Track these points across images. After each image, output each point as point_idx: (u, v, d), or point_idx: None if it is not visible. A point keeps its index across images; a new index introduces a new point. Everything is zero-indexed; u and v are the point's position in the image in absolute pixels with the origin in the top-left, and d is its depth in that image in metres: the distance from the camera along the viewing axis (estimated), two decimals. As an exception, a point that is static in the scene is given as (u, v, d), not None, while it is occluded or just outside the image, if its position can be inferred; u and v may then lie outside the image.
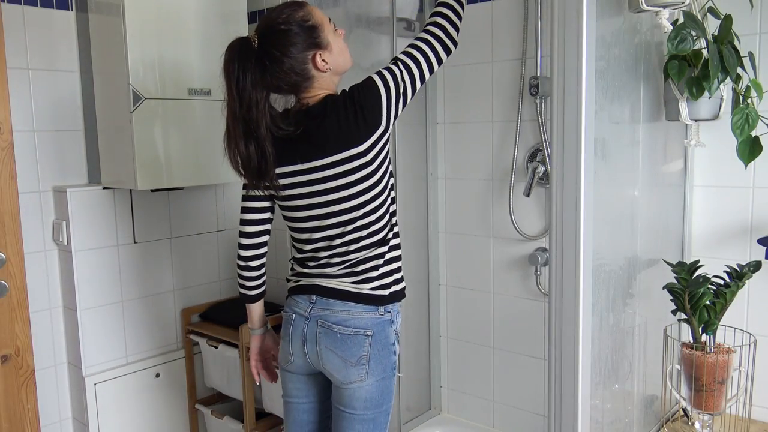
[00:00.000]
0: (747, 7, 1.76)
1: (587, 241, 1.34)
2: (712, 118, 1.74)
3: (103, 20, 2.29)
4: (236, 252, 1.82)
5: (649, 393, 1.90)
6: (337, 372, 1.61)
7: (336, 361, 1.60)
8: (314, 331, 1.62)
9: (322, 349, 1.61)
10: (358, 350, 1.59)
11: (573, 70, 1.30)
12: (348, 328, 1.59)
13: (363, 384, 1.60)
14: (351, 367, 1.59)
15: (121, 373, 2.49)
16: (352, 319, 1.59)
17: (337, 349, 1.59)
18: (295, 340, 1.66)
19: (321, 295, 1.62)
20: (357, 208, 1.57)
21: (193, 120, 2.40)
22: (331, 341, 1.60)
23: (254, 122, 1.51)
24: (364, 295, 1.60)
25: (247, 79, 1.50)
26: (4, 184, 2.06)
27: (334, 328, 1.60)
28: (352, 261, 1.61)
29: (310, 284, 1.65)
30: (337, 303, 1.61)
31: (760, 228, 1.85)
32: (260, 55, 1.51)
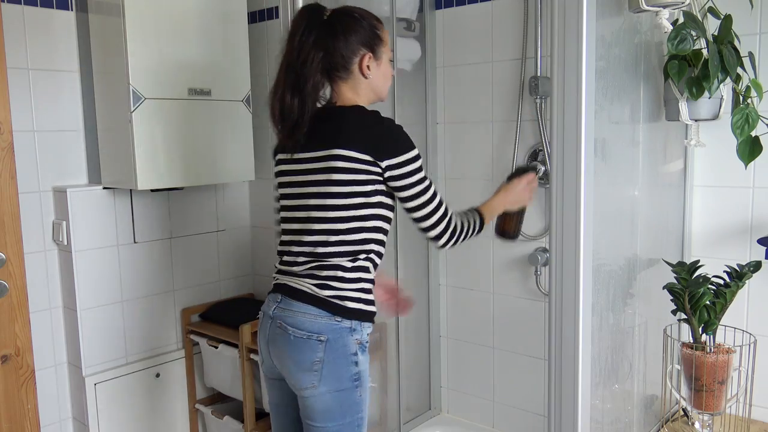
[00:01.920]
0: (747, 7, 1.76)
1: (587, 241, 1.34)
2: (712, 118, 1.75)
3: (103, 20, 2.29)
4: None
5: (649, 393, 1.90)
6: (292, 376, 1.57)
7: (290, 365, 1.57)
8: (274, 332, 1.60)
9: (277, 349, 1.59)
10: (311, 355, 1.54)
11: (573, 70, 1.30)
12: (301, 331, 1.54)
13: (316, 392, 1.55)
14: (303, 372, 1.55)
15: (121, 373, 2.49)
16: (307, 323, 1.55)
17: (291, 352, 1.56)
18: (261, 339, 1.65)
19: (285, 295, 1.60)
20: (334, 208, 1.55)
21: (193, 120, 2.40)
22: (284, 343, 1.57)
23: (304, 77, 1.54)
24: (320, 299, 1.55)
25: (310, 36, 1.54)
26: (4, 184, 2.06)
27: (288, 330, 1.56)
28: (316, 263, 1.57)
29: (280, 283, 1.64)
30: (295, 304, 1.57)
31: (760, 228, 1.85)
32: (325, 23, 1.56)
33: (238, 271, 2.92)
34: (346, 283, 1.56)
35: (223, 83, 2.48)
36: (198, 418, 2.75)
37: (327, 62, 1.56)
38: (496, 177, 2.35)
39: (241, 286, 2.93)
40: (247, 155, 2.60)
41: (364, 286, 1.59)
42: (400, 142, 1.54)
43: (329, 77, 1.59)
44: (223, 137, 2.50)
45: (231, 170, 2.55)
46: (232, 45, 2.51)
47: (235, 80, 2.53)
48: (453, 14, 2.39)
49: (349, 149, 1.51)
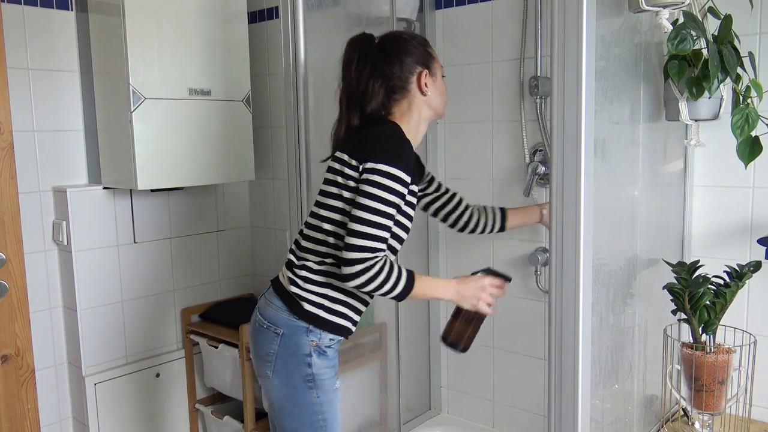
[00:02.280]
0: (747, 7, 1.76)
1: (587, 241, 1.34)
2: (712, 118, 1.74)
3: (103, 20, 2.29)
4: None
5: (649, 393, 1.90)
6: (255, 363, 1.64)
7: (253, 350, 1.65)
8: (252, 319, 1.68)
9: (251, 337, 1.66)
10: (267, 346, 1.59)
11: (573, 70, 1.30)
12: (264, 320, 1.60)
13: (269, 383, 1.60)
14: (260, 360, 1.61)
15: (121, 373, 2.49)
16: (270, 313, 1.60)
17: (253, 338, 1.64)
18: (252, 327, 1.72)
19: (271, 286, 1.66)
20: (321, 206, 1.59)
21: (193, 120, 2.40)
22: (252, 329, 1.65)
23: (368, 103, 1.58)
24: (283, 290, 1.60)
25: (366, 66, 1.58)
26: (4, 184, 2.06)
27: (256, 317, 1.64)
28: (294, 257, 1.62)
29: (276, 277, 1.69)
30: (270, 294, 1.64)
31: (760, 228, 1.85)
32: (378, 50, 1.60)
33: (238, 271, 2.92)
34: (309, 283, 1.57)
35: (223, 83, 2.48)
36: (198, 418, 2.75)
37: (386, 88, 1.59)
38: (496, 177, 2.35)
39: (241, 286, 2.93)
40: (247, 155, 2.60)
41: (330, 294, 1.56)
42: (385, 152, 1.48)
43: (388, 101, 1.62)
44: (223, 137, 2.50)
45: (231, 170, 2.55)
46: (232, 45, 2.51)
47: (235, 80, 2.53)
48: (453, 14, 2.39)
49: (347, 153, 1.55)
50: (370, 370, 2.42)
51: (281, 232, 2.84)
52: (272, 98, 2.79)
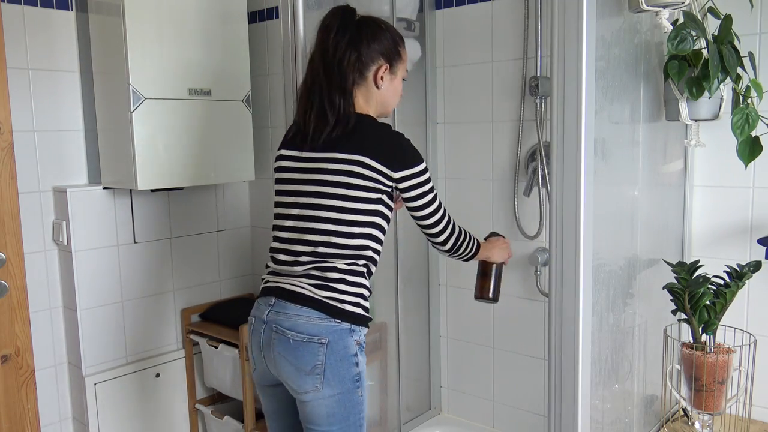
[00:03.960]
0: (747, 7, 1.76)
1: (587, 241, 1.34)
2: (712, 118, 1.75)
3: (103, 20, 2.29)
4: None
5: (649, 393, 1.90)
6: (292, 381, 1.55)
7: (289, 369, 1.54)
8: (269, 336, 1.57)
9: (276, 356, 1.55)
10: (313, 359, 1.52)
11: (573, 70, 1.30)
12: (301, 334, 1.52)
13: (319, 395, 1.53)
14: (305, 375, 1.52)
15: (121, 373, 2.49)
16: (306, 325, 1.53)
17: (291, 356, 1.53)
18: (254, 346, 1.62)
19: (280, 298, 1.57)
20: (343, 211, 1.56)
21: (193, 120, 2.40)
22: (283, 348, 1.54)
23: (344, 75, 1.56)
24: (318, 301, 1.54)
25: (345, 36, 1.56)
26: (4, 184, 2.06)
27: (287, 334, 1.53)
28: (316, 263, 1.56)
29: (272, 286, 1.61)
30: (292, 307, 1.55)
31: (760, 228, 1.85)
32: (355, 24, 1.59)
33: (238, 271, 2.92)
34: (346, 285, 1.56)
35: (223, 83, 2.48)
36: (198, 418, 2.75)
37: (359, 64, 1.58)
38: (495, 177, 2.35)
39: (241, 286, 2.93)
40: (247, 155, 2.60)
41: (362, 292, 1.59)
42: (411, 155, 1.58)
43: (344, 86, 1.59)
44: (223, 137, 2.50)
45: (231, 170, 2.55)
46: (232, 45, 2.51)
47: (235, 80, 2.53)
48: (453, 14, 2.39)
49: (368, 157, 1.53)
50: (370, 370, 2.42)
51: (281, 232, 2.84)
52: (272, 98, 2.79)
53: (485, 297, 1.84)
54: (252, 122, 2.61)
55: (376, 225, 1.58)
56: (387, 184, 1.56)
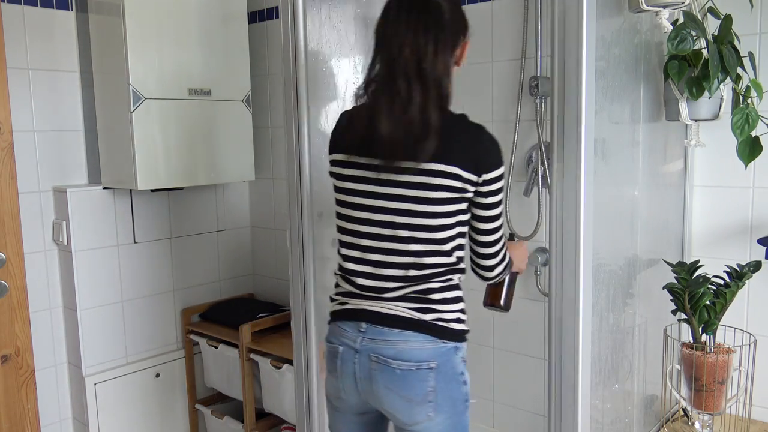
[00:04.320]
0: (747, 7, 1.76)
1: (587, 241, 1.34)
2: (712, 118, 1.75)
3: (103, 20, 2.29)
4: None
5: (649, 393, 1.90)
6: (400, 413, 1.39)
7: (398, 402, 1.38)
8: (367, 367, 1.39)
9: (379, 389, 1.38)
10: (424, 386, 1.37)
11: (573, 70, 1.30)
12: (409, 362, 1.36)
13: (432, 424, 1.38)
14: (416, 406, 1.37)
15: (121, 373, 2.49)
16: (413, 352, 1.37)
17: (398, 388, 1.37)
18: (345, 377, 1.42)
19: (372, 322, 1.39)
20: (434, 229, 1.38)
21: (193, 120, 2.40)
22: (389, 380, 1.37)
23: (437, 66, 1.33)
24: (423, 323, 1.39)
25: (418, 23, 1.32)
26: (4, 184, 2.06)
27: (391, 364, 1.36)
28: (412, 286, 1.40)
29: (356, 309, 1.42)
30: (392, 332, 1.38)
31: (760, 228, 1.85)
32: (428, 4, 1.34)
33: (238, 271, 2.92)
34: (448, 304, 1.41)
35: (223, 83, 2.48)
36: (198, 418, 2.75)
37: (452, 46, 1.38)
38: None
39: (241, 286, 2.93)
40: (247, 155, 2.60)
41: (462, 307, 1.45)
42: (498, 153, 1.40)
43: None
44: (223, 137, 2.50)
45: (231, 170, 2.55)
46: (232, 45, 2.51)
47: (235, 80, 2.53)
48: (453, 14, 2.39)
49: (455, 165, 1.34)
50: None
51: (281, 232, 2.84)
52: (272, 98, 2.79)
53: (496, 305, 1.68)
54: (252, 122, 2.61)
55: (463, 235, 1.43)
56: (471, 191, 1.39)
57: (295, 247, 1.82)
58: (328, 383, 1.49)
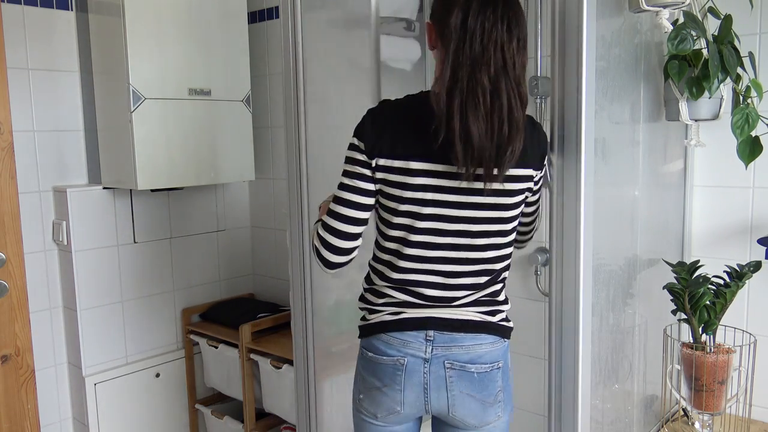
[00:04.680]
0: (747, 7, 1.76)
1: (587, 241, 1.34)
2: (712, 118, 1.75)
3: (103, 20, 2.29)
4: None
5: (649, 393, 1.90)
6: (472, 417, 1.37)
7: (473, 406, 1.36)
8: (441, 375, 1.34)
9: (455, 395, 1.35)
10: (495, 386, 1.37)
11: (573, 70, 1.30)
12: (484, 365, 1.35)
13: (500, 422, 1.39)
14: (489, 407, 1.37)
15: (121, 373, 2.49)
16: (487, 354, 1.36)
17: (476, 391, 1.35)
18: (411, 389, 1.35)
19: (440, 330, 1.34)
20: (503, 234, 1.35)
21: (193, 120, 2.40)
22: (467, 384, 1.35)
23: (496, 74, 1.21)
24: (492, 325, 1.38)
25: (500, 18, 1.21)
26: (4, 184, 2.06)
27: (469, 368, 1.34)
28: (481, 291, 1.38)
29: (421, 317, 1.36)
30: (464, 337, 1.35)
31: (760, 228, 1.85)
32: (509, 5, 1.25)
33: (238, 271, 2.92)
34: (505, 304, 1.42)
35: (223, 83, 2.48)
36: (198, 418, 2.75)
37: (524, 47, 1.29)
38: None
39: (241, 286, 2.93)
40: (247, 155, 2.60)
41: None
42: (546, 144, 1.36)
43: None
44: (223, 137, 2.50)
45: (231, 170, 2.55)
46: (232, 45, 2.51)
47: (235, 80, 2.53)
48: (453, 14, 2.39)
49: (529, 168, 1.32)
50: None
51: (281, 232, 2.84)
52: (272, 98, 2.79)
53: None
54: (252, 122, 2.61)
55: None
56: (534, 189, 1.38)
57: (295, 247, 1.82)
58: (375, 399, 1.40)
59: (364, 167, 1.32)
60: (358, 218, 1.34)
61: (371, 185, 1.33)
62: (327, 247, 1.35)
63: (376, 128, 1.31)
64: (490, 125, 1.21)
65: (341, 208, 1.34)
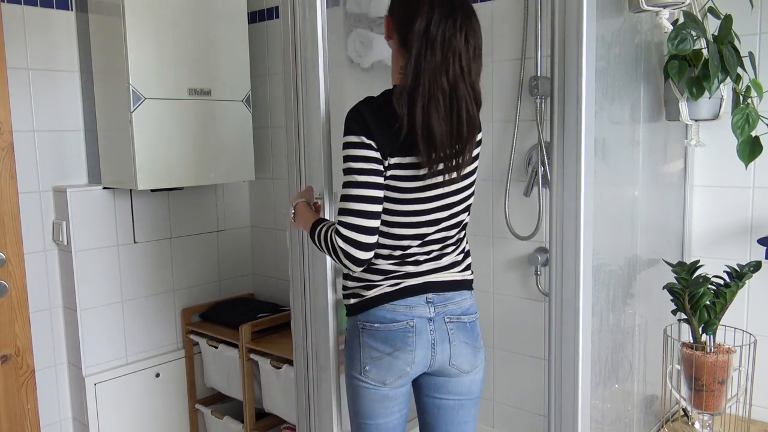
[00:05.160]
0: (747, 7, 1.76)
1: (587, 241, 1.34)
2: (712, 118, 1.75)
3: (103, 20, 2.29)
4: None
5: (649, 393, 1.90)
6: (466, 362, 1.55)
7: (468, 352, 1.54)
8: (444, 329, 1.52)
9: (456, 345, 1.53)
10: (478, 333, 1.58)
11: (573, 70, 1.30)
12: (473, 315, 1.57)
13: (483, 365, 1.59)
14: (477, 352, 1.57)
15: (121, 373, 2.49)
16: (471, 306, 1.57)
17: (469, 338, 1.55)
18: (420, 347, 1.50)
19: (437, 291, 1.53)
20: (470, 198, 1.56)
21: (193, 120, 2.40)
22: (463, 333, 1.54)
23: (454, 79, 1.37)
24: (468, 282, 1.59)
25: (459, 29, 1.36)
26: (4, 184, 2.06)
27: (463, 320, 1.54)
28: (456, 252, 1.57)
29: (419, 283, 1.52)
30: (454, 295, 1.54)
31: (760, 228, 1.85)
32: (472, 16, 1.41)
33: (238, 271, 2.92)
34: (469, 257, 1.62)
35: (223, 83, 2.48)
36: (198, 418, 2.75)
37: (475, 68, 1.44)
38: (495, 177, 2.35)
39: (241, 286, 2.93)
40: (247, 155, 2.60)
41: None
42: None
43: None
44: (223, 137, 2.50)
45: (231, 170, 2.55)
46: (232, 45, 2.51)
47: (235, 80, 2.53)
48: (453, 14, 2.39)
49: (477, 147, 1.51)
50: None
51: (281, 232, 2.84)
52: (272, 98, 2.79)
53: None
54: (252, 122, 2.61)
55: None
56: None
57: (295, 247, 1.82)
58: (385, 365, 1.51)
59: (377, 163, 1.41)
60: (378, 212, 1.43)
61: (382, 179, 1.43)
62: (357, 245, 1.40)
63: (381, 127, 1.41)
64: (449, 126, 1.38)
65: (364, 205, 1.40)
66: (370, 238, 1.41)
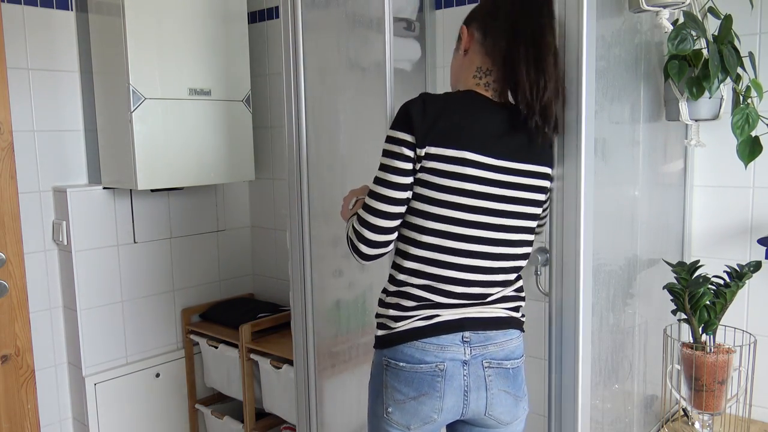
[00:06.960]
0: (747, 7, 1.76)
1: (587, 241, 1.34)
2: (712, 118, 1.74)
3: (103, 20, 2.29)
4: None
5: (649, 393, 1.90)
6: (507, 413, 1.38)
7: (508, 402, 1.37)
8: (481, 375, 1.34)
9: (494, 394, 1.35)
10: (522, 380, 1.41)
11: (573, 70, 1.30)
12: (517, 360, 1.39)
13: (524, 415, 1.43)
14: (519, 401, 1.40)
15: (121, 373, 2.49)
16: (518, 349, 1.40)
17: (510, 387, 1.38)
18: (450, 393, 1.32)
19: (475, 330, 1.34)
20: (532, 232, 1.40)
21: (193, 120, 2.40)
22: (503, 381, 1.36)
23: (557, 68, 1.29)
24: (516, 320, 1.41)
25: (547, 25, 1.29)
26: (4, 184, 2.06)
27: (505, 365, 1.36)
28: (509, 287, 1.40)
29: (456, 318, 1.33)
30: (497, 334, 1.35)
31: (760, 228, 1.85)
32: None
33: (238, 271, 2.92)
34: (524, 300, 1.46)
35: (223, 83, 2.48)
36: (198, 418, 2.75)
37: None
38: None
39: (241, 286, 2.93)
40: (247, 155, 2.60)
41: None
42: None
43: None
44: (223, 137, 2.50)
45: (231, 170, 2.55)
46: (232, 45, 2.51)
47: (235, 80, 2.53)
48: (453, 14, 2.39)
49: (548, 166, 1.36)
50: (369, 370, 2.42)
51: (281, 232, 2.84)
52: (272, 98, 2.79)
53: None
54: (252, 122, 2.61)
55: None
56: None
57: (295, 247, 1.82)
58: (410, 410, 1.34)
59: (405, 161, 1.29)
60: (393, 213, 1.32)
61: (409, 179, 1.30)
62: (362, 240, 1.34)
63: (429, 118, 1.28)
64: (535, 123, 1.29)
65: (377, 203, 1.32)
66: (379, 237, 1.34)
